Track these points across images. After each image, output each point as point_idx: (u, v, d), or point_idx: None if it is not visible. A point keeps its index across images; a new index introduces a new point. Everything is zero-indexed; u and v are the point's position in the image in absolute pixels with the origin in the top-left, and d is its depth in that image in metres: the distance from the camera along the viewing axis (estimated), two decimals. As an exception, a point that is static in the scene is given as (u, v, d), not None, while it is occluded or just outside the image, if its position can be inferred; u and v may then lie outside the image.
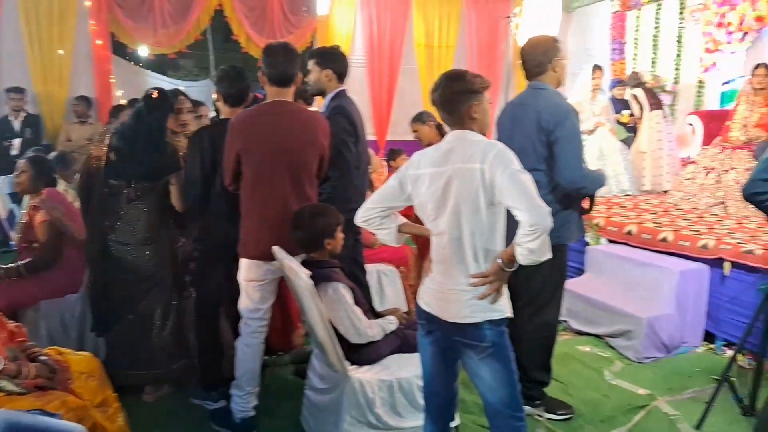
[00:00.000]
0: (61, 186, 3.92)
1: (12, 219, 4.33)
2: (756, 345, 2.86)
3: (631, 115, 6.54)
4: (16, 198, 4.23)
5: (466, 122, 1.94)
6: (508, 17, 5.09)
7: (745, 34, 6.17)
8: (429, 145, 2.46)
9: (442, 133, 4.00)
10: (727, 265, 3.66)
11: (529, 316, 2.82)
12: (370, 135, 8.09)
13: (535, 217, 1.77)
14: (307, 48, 7.42)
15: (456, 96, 1.94)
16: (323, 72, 3.10)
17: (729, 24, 6.28)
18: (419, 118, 4.19)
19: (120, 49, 6.85)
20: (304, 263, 2.54)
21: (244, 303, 2.72)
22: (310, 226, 2.56)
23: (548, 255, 1.87)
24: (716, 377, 2.91)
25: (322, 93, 3.17)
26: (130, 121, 2.94)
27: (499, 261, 1.89)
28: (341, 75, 3.14)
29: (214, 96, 3.01)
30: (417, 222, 2.14)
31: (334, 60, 3.14)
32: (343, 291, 2.54)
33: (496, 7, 8.45)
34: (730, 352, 3.10)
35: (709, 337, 3.82)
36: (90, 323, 3.07)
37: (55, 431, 1.84)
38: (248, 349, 2.72)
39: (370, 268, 3.78)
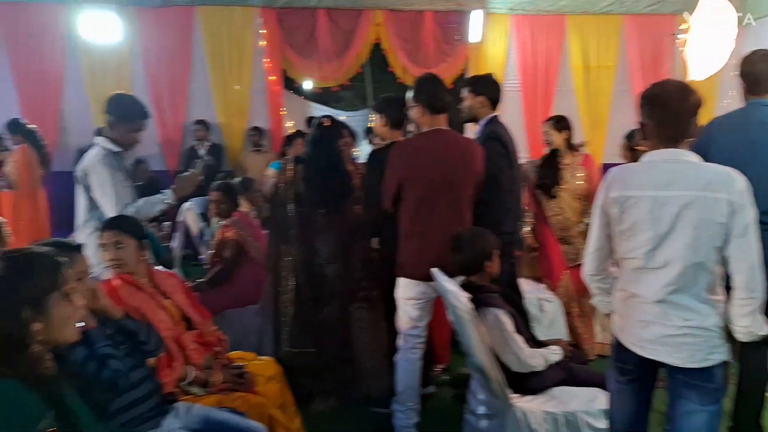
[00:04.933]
0: (245, 207, 4.40)
1: (201, 237, 4.87)
2: None
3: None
4: (205, 218, 4.77)
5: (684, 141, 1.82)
6: (673, 34, 4.74)
7: None
8: None
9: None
10: None
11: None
12: (524, 159, 7.89)
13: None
14: (459, 76, 7.50)
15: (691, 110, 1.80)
16: (477, 99, 3.17)
17: None
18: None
19: (288, 84, 7.43)
20: (463, 287, 2.53)
21: (402, 320, 2.81)
22: (470, 249, 2.57)
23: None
24: None
25: (474, 119, 3.23)
26: (309, 150, 3.21)
27: None
28: (494, 101, 3.19)
29: (374, 122, 3.16)
30: None
31: (487, 87, 3.20)
32: (503, 318, 2.45)
33: (658, 24, 7.90)
34: None
35: None
36: (269, 333, 3.35)
37: (240, 428, 2.06)
38: (407, 365, 2.79)
39: (530, 296, 3.63)
